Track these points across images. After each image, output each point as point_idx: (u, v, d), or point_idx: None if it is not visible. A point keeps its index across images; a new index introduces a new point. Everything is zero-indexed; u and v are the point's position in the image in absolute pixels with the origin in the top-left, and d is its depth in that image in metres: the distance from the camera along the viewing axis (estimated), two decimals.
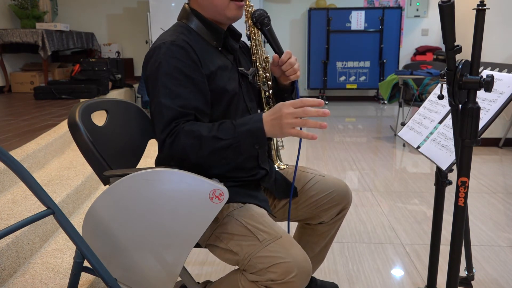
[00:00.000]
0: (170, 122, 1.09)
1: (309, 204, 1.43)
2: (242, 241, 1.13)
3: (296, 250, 1.10)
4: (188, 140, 1.07)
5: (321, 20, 6.69)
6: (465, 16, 4.49)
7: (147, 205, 1.06)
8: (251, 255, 1.10)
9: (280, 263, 1.06)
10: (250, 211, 1.20)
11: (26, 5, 5.45)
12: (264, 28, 1.28)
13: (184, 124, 1.10)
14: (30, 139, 2.60)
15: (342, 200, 1.44)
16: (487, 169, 3.45)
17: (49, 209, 0.95)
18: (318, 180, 1.44)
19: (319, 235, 1.49)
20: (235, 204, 1.22)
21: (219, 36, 1.26)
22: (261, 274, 1.08)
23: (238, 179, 1.28)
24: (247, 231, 1.14)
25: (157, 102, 1.12)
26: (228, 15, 1.22)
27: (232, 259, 1.16)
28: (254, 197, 1.28)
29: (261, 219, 1.17)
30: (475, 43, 0.94)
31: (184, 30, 1.23)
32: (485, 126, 1.15)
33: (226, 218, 1.18)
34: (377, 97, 7.23)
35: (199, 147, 1.07)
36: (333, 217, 1.46)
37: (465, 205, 1.03)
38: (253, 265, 1.09)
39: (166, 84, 1.12)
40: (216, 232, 1.18)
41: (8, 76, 5.29)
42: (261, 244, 1.10)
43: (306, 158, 3.79)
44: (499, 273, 1.91)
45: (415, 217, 2.52)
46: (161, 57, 1.14)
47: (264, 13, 1.28)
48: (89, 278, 1.58)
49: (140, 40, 6.82)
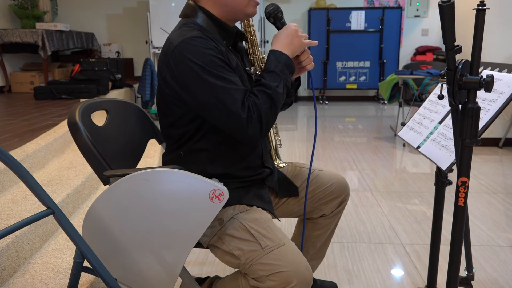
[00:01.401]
0: (243, 100, 1.11)
1: (310, 198, 1.45)
2: (244, 246, 1.13)
3: (298, 258, 1.10)
4: (265, 104, 1.12)
5: (321, 20, 6.69)
6: (465, 16, 4.49)
7: (147, 205, 1.06)
8: (253, 261, 1.10)
9: (280, 272, 1.06)
10: (255, 215, 1.19)
11: (26, 5, 5.45)
12: (278, 22, 1.28)
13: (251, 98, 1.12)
14: (30, 139, 2.60)
15: (341, 192, 1.47)
16: (487, 169, 3.45)
17: (49, 209, 0.95)
18: (317, 175, 1.47)
19: (320, 229, 1.51)
20: (241, 206, 1.22)
21: (230, 35, 1.25)
22: (261, 281, 1.08)
23: (244, 179, 1.28)
24: (250, 235, 1.14)
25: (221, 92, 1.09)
26: (248, 12, 1.22)
27: (233, 262, 1.15)
28: (260, 198, 1.28)
29: (265, 224, 1.17)
30: (475, 43, 0.94)
31: (199, 27, 1.20)
32: (485, 126, 1.15)
33: (230, 220, 1.18)
34: (377, 97, 7.24)
35: (274, 103, 1.13)
36: (334, 209, 1.48)
37: (465, 205, 1.03)
38: (253, 271, 1.09)
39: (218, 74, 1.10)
40: (219, 234, 1.18)
41: (8, 76, 5.29)
42: (263, 251, 1.10)
43: (306, 158, 3.79)
44: (499, 273, 1.91)
45: (415, 217, 2.52)
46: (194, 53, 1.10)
47: (277, 7, 1.27)
48: (89, 278, 1.57)
49: (140, 40, 6.83)
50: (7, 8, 5.57)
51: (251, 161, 1.29)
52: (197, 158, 1.23)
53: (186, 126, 1.21)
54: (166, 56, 1.14)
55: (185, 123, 1.20)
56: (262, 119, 1.11)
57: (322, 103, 7.05)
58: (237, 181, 1.26)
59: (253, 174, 1.30)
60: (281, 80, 1.15)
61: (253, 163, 1.30)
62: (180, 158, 1.25)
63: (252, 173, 1.29)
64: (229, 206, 1.21)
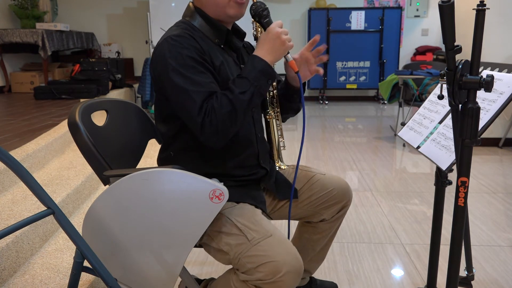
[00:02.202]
0: (202, 103, 1.11)
1: (310, 202, 1.43)
2: (231, 240, 1.12)
3: (286, 248, 1.08)
4: (223, 109, 1.10)
5: (321, 20, 6.69)
6: (465, 16, 4.49)
7: (147, 205, 1.06)
8: (241, 254, 1.09)
9: (268, 262, 1.05)
10: (242, 209, 1.20)
11: (26, 5, 5.45)
12: (263, 21, 1.20)
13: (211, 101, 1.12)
14: (30, 139, 2.60)
15: (343, 198, 1.45)
16: (487, 169, 3.45)
17: (49, 209, 0.95)
18: (319, 179, 1.45)
19: (320, 233, 1.50)
20: (228, 203, 1.22)
21: (221, 34, 1.26)
22: (250, 273, 1.08)
23: (238, 178, 1.28)
24: (236, 229, 1.13)
25: (182, 92, 1.12)
26: (229, 13, 1.22)
27: (224, 259, 1.15)
28: (252, 197, 1.28)
29: (253, 218, 1.16)
30: (475, 43, 0.94)
31: (188, 26, 1.23)
32: (485, 126, 1.15)
33: (218, 216, 1.17)
34: (377, 97, 7.24)
35: (234, 110, 1.11)
36: (334, 214, 1.47)
37: (465, 205, 1.03)
38: (242, 265, 1.09)
39: (185, 74, 1.12)
40: (209, 231, 1.18)
41: (8, 76, 5.29)
42: (250, 243, 1.09)
43: (306, 158, 3.79)
44: (499, 273, 1.91)
45: (415, 217, 2.52)
46: (170, 51, 1.13)
47: (262, 5, 1.20)
48: (89, 278, 1.57)
49: (140, 40, 6.83)
50: (7, 8, 5.57)
51: (245, 160, 1.29)
52: (188, 157, 1.25)
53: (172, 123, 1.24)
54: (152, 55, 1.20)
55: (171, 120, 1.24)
56: (218, 124, 1.10)
57: (322, 103, 7.05)
58: (230, 179, 1.26)
59: (248, 173, 1.30)
60: (250, 87, 1.13)
61: (247, 162, 1.30)
62: (171, 157, 1.27)
63: (247, 172, 1.29)
64: None
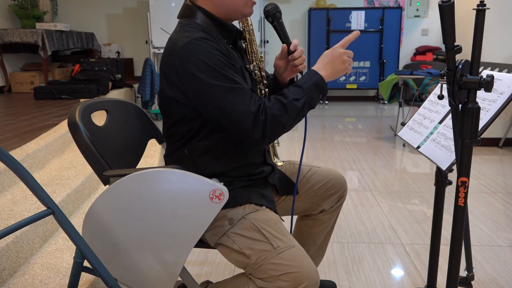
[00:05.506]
0: (251, 97, 1.11)
1: (309, 194, 1.46)
2: (255, 245, 1.13)
3: (308, 261, 1.11)
4: (276, 110, 1.11)
5: (321, 20, 6.69)
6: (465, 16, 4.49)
7: (147, 205, 1.06)
8: (264, 260, 1.11)
9: (292, 272, 1.08)
10: (266, 215, 1.20)
11: (26, 5, 5.45)
12: (276, 22, 1.28)
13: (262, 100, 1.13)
14: (30, 139, 2.60)
15: (340, 187, 1.49)
16: (487, 169, 3.45)
17: (49, 209, 0.95)
18: (315, 171, 1.49)
19: (320, 225, 1.53)
20: (251, 206, 1.22)
21: (230, 34, 1.25)
22: (271, 281, 1.09)
23: (248, 177, 1.28)
24: (261, 236, 1.14)
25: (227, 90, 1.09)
26: (245, 12, 1.23)
27: (242, 262, 1.16)
28: (265, 198, 1.28)
29: (276, 225, 1.18)
30: (475, 43, 0.94)
31: (198, 27, 1.19)
32: (485, 126, 1.15)
33: (241, 220, 1.18)
34: (377, 97, 7.23)
35: (286, 113, 1.13)
36: (333, 204, 1.51)
37: (465, 205, 1.03)
38: (263, 271, 1.10)
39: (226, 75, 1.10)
40: (229, 233, 1.18)
41: (8, 76, 5.29)
42: (275, 251, 1.11)
43: (306, 158, 3.79)
44: (499, 273, 1.91)
45: (415, 217, 2.52)
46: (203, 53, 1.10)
47: (276, 7, 1.28)
48: (89, 278, 1.57)
49: (140, 40, 6.82)
50: (7, 8, 5.57)
51: (254, 157, 1.30)
52: (202, 156, 1.23)
53: (189, 124, 1.21)
54: (171, 57, 1.14)
55: (188, 121, 1.20)
56: (267, 123, 1.10)
57: (322, 103, 7.05)
58: (243, 179, 1.26)
59: (257, 172, 1.30)
60: (304, 96, 1.15)
61: (256, 159, 1.31)
62: (184, 156, 1.25)
63: (255, 170, 1.30)
64: (238, 206, 1.21)
